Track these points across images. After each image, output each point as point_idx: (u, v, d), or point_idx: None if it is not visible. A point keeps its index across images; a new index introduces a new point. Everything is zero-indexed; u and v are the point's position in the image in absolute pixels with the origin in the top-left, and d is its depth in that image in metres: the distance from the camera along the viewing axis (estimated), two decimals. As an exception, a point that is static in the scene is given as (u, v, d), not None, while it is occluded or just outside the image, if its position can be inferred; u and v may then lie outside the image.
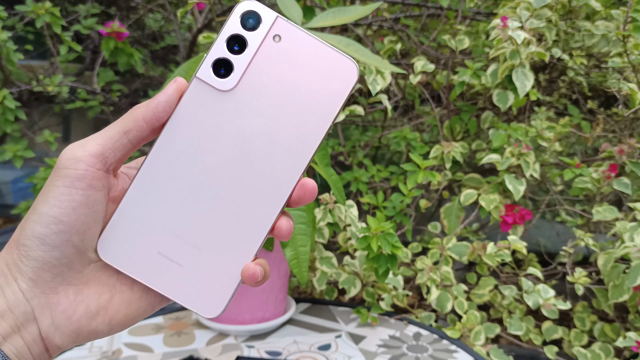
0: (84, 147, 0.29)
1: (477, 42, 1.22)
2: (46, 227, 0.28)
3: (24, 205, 1.23)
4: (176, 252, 0.31)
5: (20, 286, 0.28)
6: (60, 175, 0.28)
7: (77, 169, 0.28)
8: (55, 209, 0.28)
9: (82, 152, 0.28)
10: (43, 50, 1.52)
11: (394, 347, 0.86)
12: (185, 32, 1.62)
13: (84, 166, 0.28)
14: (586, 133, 1.08)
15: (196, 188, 0.31)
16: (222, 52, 0.30)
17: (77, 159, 0.28)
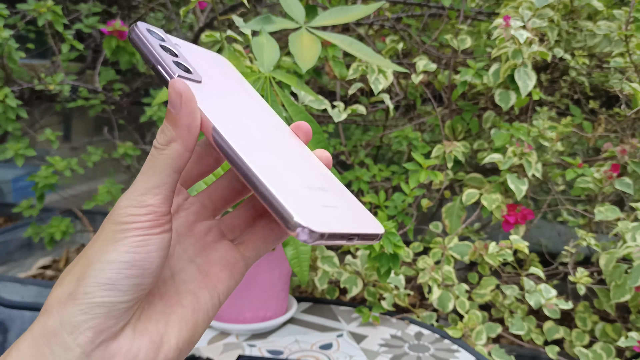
0: (144, 197, 0.28)
1: (479, 42, 1.22)
2: (117, 272, 0.27)
3: (25, 204, 1.23)
4: (328, 200, 0.29)
5: (77, 341, 0.26)
6: (127, 226, 0.27)
7: (145, 219, 0.28)
8: (128, 255, 0.27)
9: (145, 200, 0.28)
10: (44, 49, 1.52)
11: (396, 346, 0.85)
12: (186, 31, 1.62)
13: (153, 216, 0.28)
14: (588, 133, 1.08)
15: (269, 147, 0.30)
16: (169, 57, 0.31)
17: (141, 207, 0.28)
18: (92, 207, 1.23)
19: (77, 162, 1.22)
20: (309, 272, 0.92)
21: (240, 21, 0.78)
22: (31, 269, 1.43)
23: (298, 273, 0.65)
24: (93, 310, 0.27)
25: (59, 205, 1.56)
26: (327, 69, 1.05)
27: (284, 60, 1.06)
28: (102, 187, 1.22)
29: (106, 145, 1.55)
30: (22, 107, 1.13)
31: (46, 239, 1.18)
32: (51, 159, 1.17)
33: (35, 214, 1.23)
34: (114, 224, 0.28)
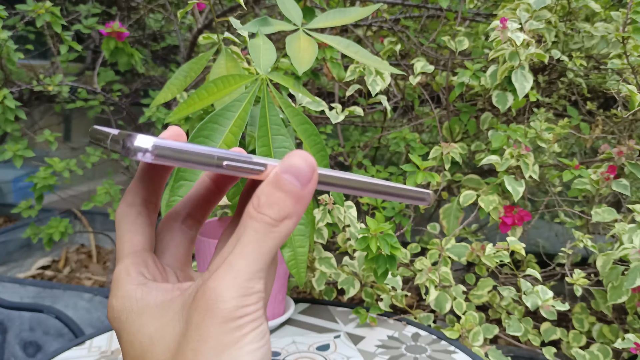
0: (252, 283, 0.24)
1: (477, 43, 1.22)
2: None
3: (24, 204, 1.23)
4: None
5: None
6: (241, 320, 0.24)
7: (255, 309, 0.24)
8: (259, 353, 0.24)
9: (254, 288, 0.24)
10: (44, 50, 1.53)
11: (393, 347, 0.86)
12: (185, 32, 1.62)
13: (260, 305, 0.25)
14: (585, 134, 1.08)
15: None
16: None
17: (252, 294, 0.24)
18: (90, 207, 1.23)
19: (76, 163, 1.22)
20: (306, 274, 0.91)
21: (237, 23, 0.78)
22: (30, 269, 1.43)
23: (295, 275, 0.66)
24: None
25: (59, 206, 1.56)
26: (325, 71, 1.05)
27: (282, 62, 1.06)
28: (101, 188, 1.22)
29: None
30: (21, 108, 1.13)
31: (45, 240, 1.18)
32: (50, 160, 1.17)
33: (34, 214, 1.23)
34: (224, 323, 0.23)
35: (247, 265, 0.24)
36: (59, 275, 1.38)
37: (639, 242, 0.82)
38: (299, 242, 0.63)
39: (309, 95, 0.74)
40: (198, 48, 1.34)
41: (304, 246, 0.63)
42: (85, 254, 1.48)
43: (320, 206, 0.92)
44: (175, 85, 0.80)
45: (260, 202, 0.24)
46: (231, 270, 0.24)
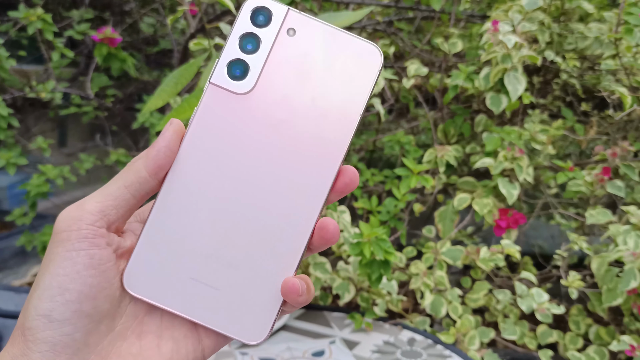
0: (81, 207, 0.26)
1: (472, 45, 1.21)
2: (51, 300, 0.24)
3: (18, 212, 1.23)
4: (210, 275, 0.28)
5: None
6: (58, 240, 0.25)
7: (77, 229, 0.25)
8: (58, 278, 0.25)
9: (80, 212, 0.26)
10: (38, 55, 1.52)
11: (388, 352, 0.85)
12: (179, 36, 1.62)
13: (84, 225, 0.25)
14: (580, 136, 1.08)
15: (224, 202, 0.28)
16: (236, 52, 0.28)
17: (75, 219, 0.25)
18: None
19: (70, 169, 1.22)
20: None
21: (228, 29, 0.78)
22: (26, 277, 1.42)
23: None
24: (39, 346, 0.24)
25: (53, 212, 1.56)
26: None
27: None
28: (95, 195, 1.21)
29: (100, 152, 1.55)
30: (15, 114, 1.12)
31: (39, 247, 1.18)
32: (43, 167, 1.17)
33: (28, 222, 1.22)
34: (54, 234, 0.26)
35: (94, 194, 0.27)
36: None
37: (633, 244, 0.82)
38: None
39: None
40: (192, 52, 1.34)
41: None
42: (81, 260, 1.48)
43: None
44: (166, 92, 0.80)
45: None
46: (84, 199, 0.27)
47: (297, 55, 0.28)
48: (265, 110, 0.28)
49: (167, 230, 0.28)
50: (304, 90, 0.28)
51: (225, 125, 0.28)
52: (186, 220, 0.28)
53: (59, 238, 0.25)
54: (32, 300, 0.25)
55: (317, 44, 0.28)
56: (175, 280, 0.28)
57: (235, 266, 0.28)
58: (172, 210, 0.28)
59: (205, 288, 0.28)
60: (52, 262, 0.25)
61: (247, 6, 0.28)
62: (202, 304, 0.28)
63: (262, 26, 0.28)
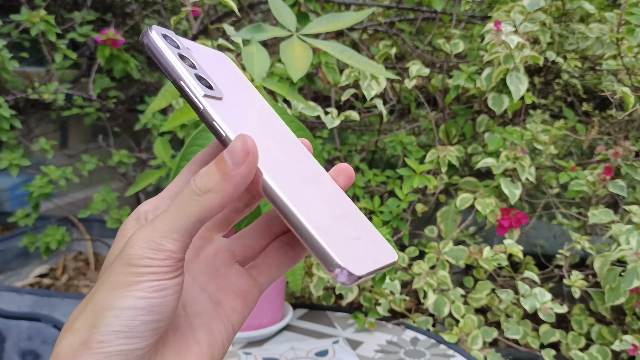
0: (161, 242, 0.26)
1: (473, 45, 1.22)
2: (133, 319, 0.25)
3: (20, 213, 1.23)
4: (351, 230, 0.29)
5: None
6: (142, 268, 0.26)
7: (160, 261, 0.26)
8: (144, 301, 0.25)
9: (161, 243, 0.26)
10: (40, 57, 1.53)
11: (392, 352, 0.85)
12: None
13: (170, 256, 0.26)
14: (581, 136, 1.08)
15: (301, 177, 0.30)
16: (190, 69, 0.29)
17: (158, 248, 0.26)
18: (87, 215, 1.23)
19: (72, 170, 1.22)
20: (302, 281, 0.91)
21: (231, 30, 0.78)
22: (28, 278, 1.43)
23: (291, 282, 0.65)
24: (110, 358, 0.25)
25: (56, 213, 1.56)
26: (321, 75, 1.05)
27: (278, 67, 1.06)
28: (98, 196, 1.22)
29: (103, 153, 1.55)
30: (17, 116, 1.13)
31: (42, 249, 1.18)
32: (46, 169, 1.17)
33: (30, 223, 1.23)
34: (127, 266, 0.26)
35: (163, 223, 0.26)
36: (57, 283, 1.37)
37: (635, 243, 0.82)
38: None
39: (304, 102, 0.74)
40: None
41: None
42: (83, 261, 1.48)
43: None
44: (169, 93, 0.80)
45: (198, 172, 0.27)
46: (150, 225, 0.26)
47: (208, 64, 0.31)
48: (246, 107, 0.31)
49: (316, 218, 0.28)
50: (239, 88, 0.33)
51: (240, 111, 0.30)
52: (310, 200, 0.29)
53: (143, 265, 0.26)
54: (103, 319, 0.25)
55: (207, 56, 0.32)
56: (352, 247, 0.28)
57: (347, 216, 0.30)
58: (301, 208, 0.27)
59: (360, 242, 0.29)
60: (135, 288, 0.25)
61: (157, 33, 0.29)
62: (371, 254, 0.29)
63: (179, 48, 0.30)
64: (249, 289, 0.32)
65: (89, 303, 0.26)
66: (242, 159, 0.26)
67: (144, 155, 1.42)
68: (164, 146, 0.92)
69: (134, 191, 0.91)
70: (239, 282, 0.32)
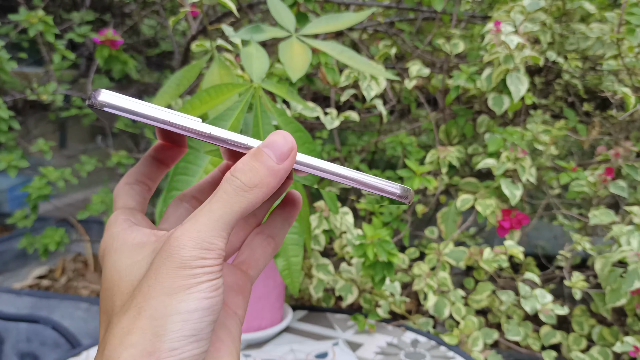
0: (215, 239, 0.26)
1: (473, 45, 1.21)
2: (200, 322, 0.25)
3: (19, 214, 1.22)
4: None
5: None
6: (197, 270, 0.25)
7: (213, 263, 0.26)
8: (206, 301, 0.25)
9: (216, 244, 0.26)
10: (39, 58, 1.52)
11: (392, 354, 0.85)
12: (180, 38, 1.62)
13: (222, 259, 0.26)
14: (582, 136, 1.08)
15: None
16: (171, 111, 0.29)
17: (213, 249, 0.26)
18: (86, 217, 1.22)
19: (71, 172, 1.22)
20: (300, 283, 0.91)
21: (229, 30, 0.78)
22: (27, 279, 1.42)
23: (289, 284, 0.65)
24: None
25: (54, 214, 1.55)
26: (320, 75, 1.05)
27: (277, 67, 1.06)
28: (96, 197, 1.21)
29: (101, 153, 1.54)
30: (15, 116, 1.12)
31: (40, 250, 1.17)
32: (44, 170, 1.17)
33: (29, 224, 1.22)
34: (182, 269, 0.25)
35: (210, 221, 0.26)
36: (56, 284, 1.37)
37: (636, 244, 0.81)
38: (292, 251, 0.62)
39: (302, 103, 0.74)
40: (193, 54, 1.33)
41: (298, 255, 0.63)
42: (82, 262, 1.48)
43: (316, 213, 0.91)
44: (168, 94, 0.80)
45: (236, 167, 0.27)
46: (196, 224, 0.26)
47: None
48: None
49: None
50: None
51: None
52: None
53: (199, 265, 0.25)
54: (170, 325, 0.24)
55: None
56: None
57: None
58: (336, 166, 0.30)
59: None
60: (194, 289, 0.25)
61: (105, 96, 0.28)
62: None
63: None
64: (243, 284, 0.32)
65: (140, 313, 0.25)
66: (287, 154, 0.27)
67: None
68: (162, 147, 0.92)
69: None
70: (235, 279, 0.32)
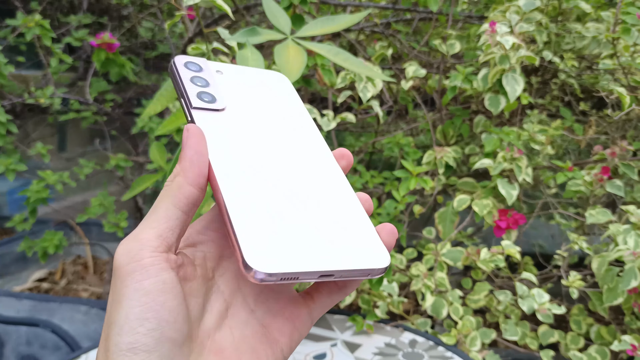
0: (138, 237, 0.26)
1: (470, 46, 1.22)
2: (132, 332, 0.24)
3: (18, 218, 1.23)
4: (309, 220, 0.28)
5: None
6: (124, 274, 0.25)
7: (140, 259, 0.25)
8: (134, 310, 0.24)
9: (138, 242, 0.26)
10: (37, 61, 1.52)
11: (390, 354, 0.85)
12: (177, 40, 1.62)
13: (147, 254, 0.25)
14: (579, 135, 1.08)
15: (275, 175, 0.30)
16: (196, 88, 0.33)
17: (136, 249, 0.25)
18: (85, 219, 1.23)
19: (69, 175, 1.22)
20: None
21: (225, 33, 0.78)
22: (27, 282, 1.42)
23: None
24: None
25: (54, 217, 1.56)
26: (317, 77, 1.05)
27: (274, 69, 1.06)
28: (95, 200, 1.22)
29: (100, 156, 1.55)
30: (14, 120, 1.12)
31: (39, 253, 1.18)
32: (42, 173, 1.17)
33: (28, 228, 1.22)
34: (117, 277, 0.25)
35: (142, 221, 0.27)
36: (56, 287, 1.37)
37: (633, 243, 0.82)
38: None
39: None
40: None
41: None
42: (82, 265, 1.48)
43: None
44: (164, 97, 0.80)
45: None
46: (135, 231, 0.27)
47: (236, 86, 0.35)
48: (248, 117, 0.34)
49: (248, 202, 0.28)
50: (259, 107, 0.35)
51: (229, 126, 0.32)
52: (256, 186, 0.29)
53: (125, 271, 0.25)
54: (111, 339, 0.24)
55: (242, 77, 0.36)
56: (291, 240, 0.27)
57: (320, 205, 0.30)
58: (239, 185, 0.29)
59: (314, 232, 0.28)
60: (124, 297, 0.25)
61: (179, 61, 0.34)
62: (321, 252, 0.27)
63: (198, 71, 0.34)
64: (298, 313, 0.31)
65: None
66: (185, 135, 0.29)
67: (142, 159, 1.42)
68: (159, 150, 0.92)
69: (130, 196, 0.91)
70: (290, 307, 0.30)
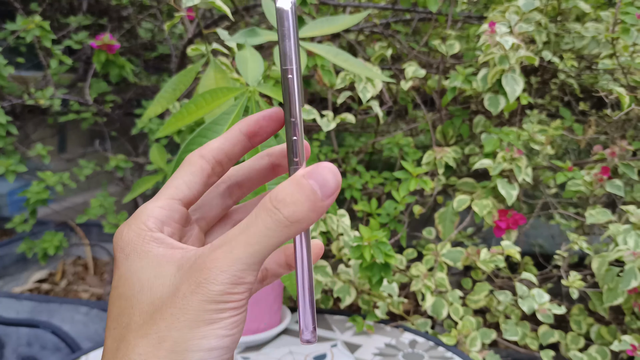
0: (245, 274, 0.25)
1: (469, 46, 1.22)
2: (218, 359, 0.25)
3: (18, 219, 1.23)
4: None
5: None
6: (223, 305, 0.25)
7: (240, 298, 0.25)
8: (227, 339, 0.25)
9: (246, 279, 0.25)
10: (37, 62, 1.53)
11: (390, 355, 0.85)
12: (177, 41, 1.62)
13: (249, 294, 0.26)
14: (578, 135, 1.08)
15: None
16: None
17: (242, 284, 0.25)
18: (85, 220, 1.23)
19: (70, 176, 1.22)
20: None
21: (225, 34, 0.78)
22: (27, 283, 1.43)
23: (289, 287, 0.65)
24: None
25: (54, 218, 1.56)
26: (317, 77, 1.05)
27: (274, 70, 1.06)
28: (95, 201, 1.22)
29: (100, 157, 1.55)
30: (14, 121, 1.13)
31: (40, 254, 1.18)
32: (42, 174, 1.17)
33: (28, 229, 1.22)
34: (209, 303, 0.24)
35: (246, 255, 0.24)
36: (56, 288, 1.37)
37: (633, 243, 0.82)
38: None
39: (299, 106, 0.74)
40: (189, 57, 1.34)
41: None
42: (82, 266, 1.48)
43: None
44: (165, 99, 0.80)
45: (278, 197, 0.24)
46: (230, 255, 0.24)
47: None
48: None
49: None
50: None
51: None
52: None
53: (226, 299, 0.25)
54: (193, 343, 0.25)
55: None
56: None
57: None
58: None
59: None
60: (216, 325, 0.25)
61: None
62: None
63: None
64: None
65: (163, 343, 0.24)
66: (333, 192, 0.25)
67: (141, 160, 1.42)
68: (159, 151, 0.92)
69: (131, 197, 0.91)
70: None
